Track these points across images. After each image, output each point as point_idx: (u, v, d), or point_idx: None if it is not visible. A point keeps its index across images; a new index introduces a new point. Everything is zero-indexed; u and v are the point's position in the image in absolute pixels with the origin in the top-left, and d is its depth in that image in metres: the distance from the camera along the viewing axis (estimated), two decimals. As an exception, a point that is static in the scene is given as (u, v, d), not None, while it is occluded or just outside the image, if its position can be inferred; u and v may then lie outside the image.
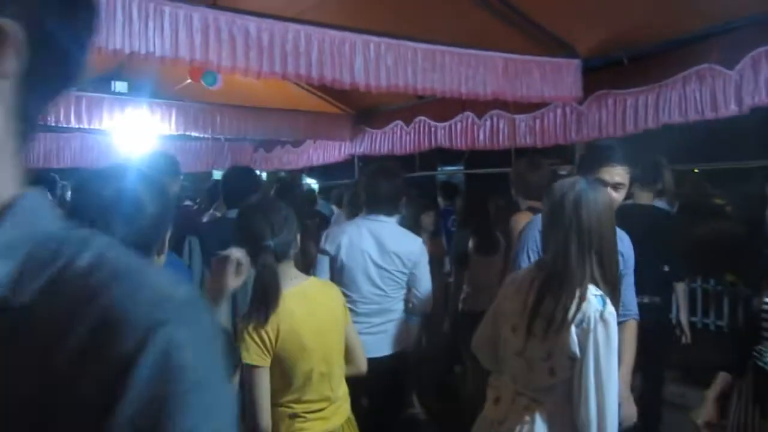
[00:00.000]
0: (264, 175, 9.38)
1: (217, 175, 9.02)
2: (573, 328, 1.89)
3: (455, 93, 3.97)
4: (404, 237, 3.05)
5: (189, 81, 6.19)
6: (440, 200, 6.00)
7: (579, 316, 1.90)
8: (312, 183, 11.07)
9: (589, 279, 1.95)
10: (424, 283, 3.06)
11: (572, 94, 4.35)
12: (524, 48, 4.34)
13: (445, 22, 4.39)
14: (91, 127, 5.89)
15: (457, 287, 4.42)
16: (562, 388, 1.96)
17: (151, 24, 3.20)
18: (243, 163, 8.82)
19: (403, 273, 2.96)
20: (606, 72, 4.32)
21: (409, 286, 3.03)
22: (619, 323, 2.70)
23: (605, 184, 2.60)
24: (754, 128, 4.48)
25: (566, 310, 1.90)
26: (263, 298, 2.05)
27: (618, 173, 2.60)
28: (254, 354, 2.02)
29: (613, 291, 2.01)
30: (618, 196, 2.61)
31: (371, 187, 3.11)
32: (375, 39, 3.74)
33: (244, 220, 2.18)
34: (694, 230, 5.81)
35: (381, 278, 2.89)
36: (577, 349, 1.90)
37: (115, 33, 3.10)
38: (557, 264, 1.95)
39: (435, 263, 4.78)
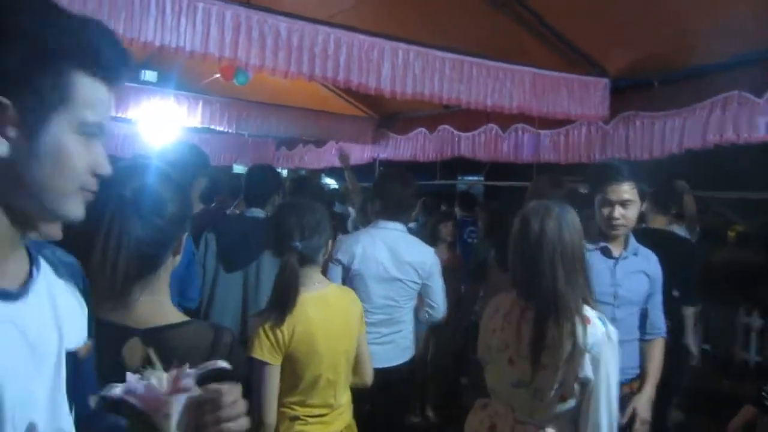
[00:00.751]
0: (285, 172, 9.43)
1: (238, 169, 9.08)
2: (585, 352, 1.89)
3: (480, 105, 3.96)
4: (418, 247, 3.04)
5: (217, 75, 6.22)
6: (458, 210, 5.98)
7: (591, 339, 1.89)
8: (331, 183, 11.09)
9: (579, 298, 1.95)
10: (439, 293, 3.05)
11: (599, 113, 4.31)
12: (553, 64, 4.32)
13: (476, 33, 4.38)
14: (118, 115, 5.95)
15: (470, 298, 4.39)
16: (568, 411, 1.95)
17: (183, 19, 3.23)
18: (265, 160, 8.87)
19: (416, 283, 2.95)
20: (633, 93, 4.29)
21: (422, 297, 3.02)
22: (647, 341, 2.70)
23: (612, 202, 2.58)
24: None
25: (574, 336, 1.88)
26: (281, 299, 2.06)
27: (624, 190, 2.57)
28: (267, 351, 2.02)
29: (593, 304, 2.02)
30: (627, 213, 2.58)
31: (385, 194, 3.09)
32: (404, 46, 3.74)
33: (278, 218, 2.19)
34: (712, 258, 5.72)
35: (394, 288, 2.89)
36: (590, 373, 1.89)
37: (148, 25, 3.13)
38: (548, 290, 1.93)
39: (451, 274, 4.77)
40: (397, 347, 2.94)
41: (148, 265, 1.21)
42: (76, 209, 0.83)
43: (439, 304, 3.04)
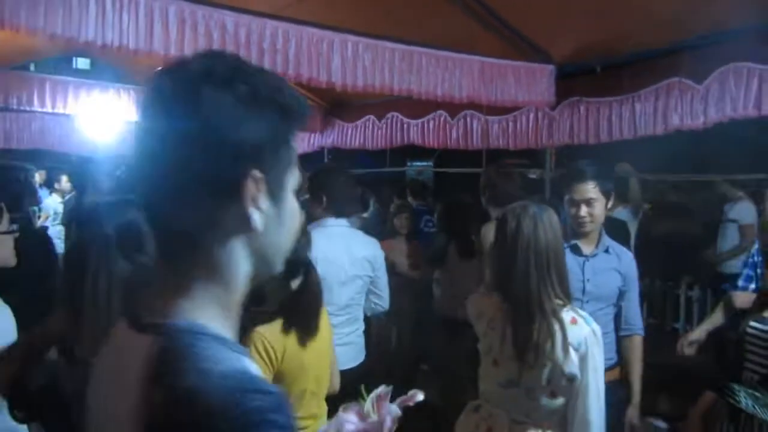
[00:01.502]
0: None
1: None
2: (572, 351, 1.94)
3: (431, 95, 3.98)
4: (365, 240, 3.04)
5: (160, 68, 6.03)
6: (410, 199, 5.99)
7: (577, 338, 1.95)
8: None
9: (553, 297, 2.00)
10: (386, 284, 3.08)
11: (545, 99, 4.39)
12: (501, 52, 4.37)
13: (425, 23, 4.38)
14: (55, 111, 5.73)
15: (426, 287, 4.44)
16: (561, 408, 2.01)
17: (125, 16, 3.12)
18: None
19: (370, 277, 2.96)
20: (579, 79, 4.37)
21: (371, 288, 3.02)
22: (624, 337, 2.79)
23: (577, 202, 2.66)
24: (719, 143, 4.60)
25: (552, 336, 1.93)
26: (304, 319, 1.99)
27: (587, 190, 2.66)
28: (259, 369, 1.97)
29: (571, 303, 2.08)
30: (592, 211, 2.66)
31: (328, 190, 3.06)
32: (353, 38, 3.71)
33: None
34: (652, 232, 5.94)
35: (355, 287, 2.89)
36: (576, 370, 1.95)
37: (88, 24, 3.01)
38: (522, 289, 1.97)
39: (411, 265, 4.80)
40: (355, 347, 2.96)
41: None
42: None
43: (386, 295, 3.07)
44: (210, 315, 0.75)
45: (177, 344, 0.69)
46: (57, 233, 7.14)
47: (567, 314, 2.02)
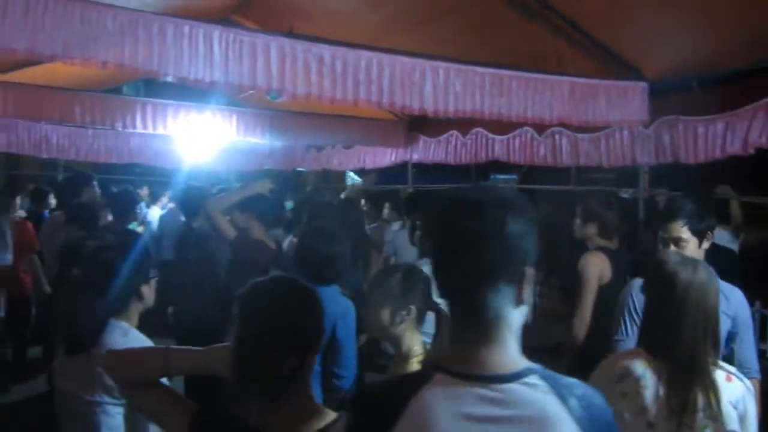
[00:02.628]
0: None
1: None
2: (731, 409, 1.93)
3: (521, 118, 3.99)
4: None
5: (253, 91, 6.29)
6: None
7: (735, 396, 1.93)
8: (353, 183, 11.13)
9: (712, 355, 1.98)
10: None
11: (638, 118, 4.31)
12: (589, 70, 4.32)
13: (511, 44, 4.40)
14: (156, 132, 6.06)
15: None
16: None
17: (230, 54, 3.29)
18: (293, 163, 8.97)
19: None
20: (674, 96, 4.26)
21: None
22: None
23: (666, 240, 2.62)
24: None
25: (717, 395, 1.92)
26: None
27: (678, 229, 2.61)
28: None
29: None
30: (682, 251, 2.58)
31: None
32: (443, 65, 3.77)
33: (418, 273, 2.20)
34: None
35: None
36: (737, 427, 1.93)
37: (198, 64, 3.20)
38: (685, 349, 1.94)
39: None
40: None
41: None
42: None
43: None
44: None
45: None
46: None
47: (720, 372, 1.99)
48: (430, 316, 2.15)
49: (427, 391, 1.07)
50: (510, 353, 1.13)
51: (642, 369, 2.03)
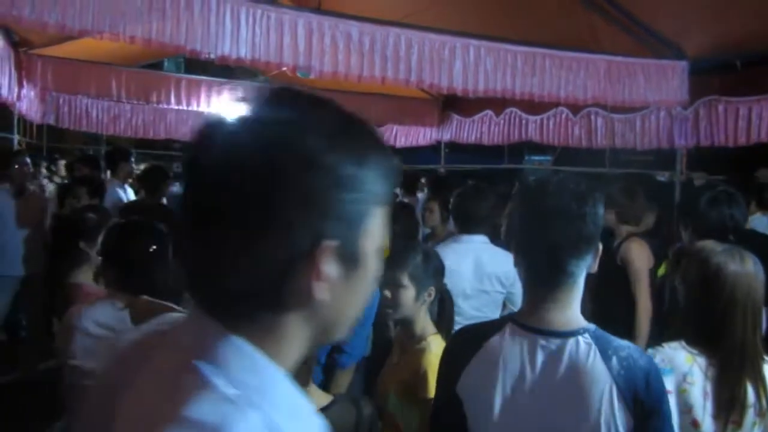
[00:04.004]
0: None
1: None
2: None
3: (553, 98, 3.90)
4: (500, 257, 3.03)
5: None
6: None
7: None
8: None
9: (760, 349, 1.91)
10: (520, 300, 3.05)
11: (677, 98, 4.16)
12: (627, 48, 4.18)
13: (546, 22, 4.27)
14: (189, 108, 6.12)
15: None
16: None
17: (258, 30, 3.27)
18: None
19: (500, 293, 2.96)
20: (716, 76, 4.10)
21: (506, 303, 3.02)
22: None
23: None
24: None
25: (762, 390, 1.85)
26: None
27: None
28: None
29: None
30: None
31: (462, 211, 3.06)
32: (475, 42, 3.69)
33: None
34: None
35: (478, 300, 2.91)
36: None
37: (224, 40, 3.19)
38: (734, 343, 1.87)
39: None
40: None
41: None
42: None
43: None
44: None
45: None
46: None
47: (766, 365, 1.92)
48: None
49: (499, 336, 1.34)
50: (573, 313, 1.35)
51: (688, 365, 1.94)
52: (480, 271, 2.91)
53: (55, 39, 5.16)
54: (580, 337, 1.33)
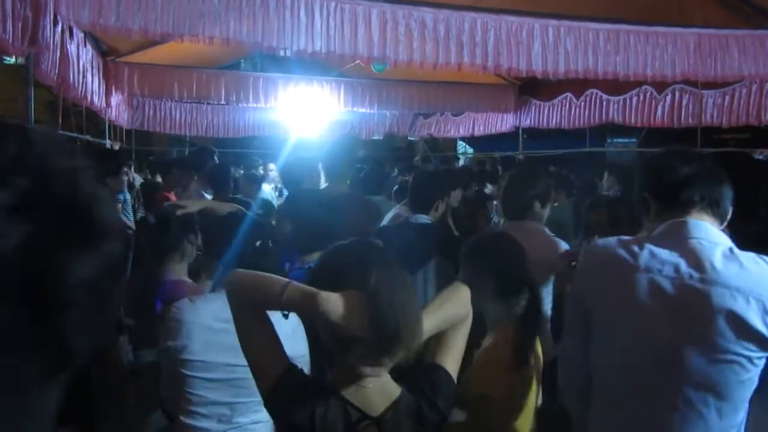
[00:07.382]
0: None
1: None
2: None
3: (639, 76, 3.72)
4: (543, 245, 2.76)
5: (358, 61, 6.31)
6: (605, 183, 5.24)
7: None
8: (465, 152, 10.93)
9: None
10: None
11: (776, 70, 3.89)
12: (719, 20, 3.93)
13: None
14: (267, 105, 6.23)
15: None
16: None
17: (332, 23, 3.27)
18: (402, 131, 8.92)
19: None
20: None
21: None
22: None
23: None
24: None
25: None
26: None
27: None
28: None
29: None
30: None
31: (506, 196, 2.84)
32: (554, 22, 3.56)
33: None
34: None
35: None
36: None
37: (300, 35, 3.21)
38: None
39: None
40: None
41: None
42: None
43: None
44: None
45: None
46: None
47: None
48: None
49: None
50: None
51: None
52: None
53: (139, 46, 5.36)
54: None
